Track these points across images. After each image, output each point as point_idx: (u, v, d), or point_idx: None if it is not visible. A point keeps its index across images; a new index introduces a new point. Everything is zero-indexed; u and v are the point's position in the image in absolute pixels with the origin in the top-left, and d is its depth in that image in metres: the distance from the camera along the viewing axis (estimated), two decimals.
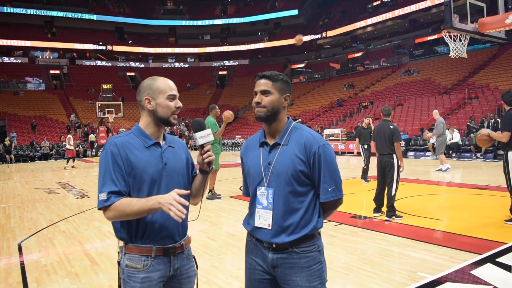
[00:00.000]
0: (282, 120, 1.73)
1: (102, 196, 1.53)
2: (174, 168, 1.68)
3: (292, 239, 1.62)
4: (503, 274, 3.30)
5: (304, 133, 1.69)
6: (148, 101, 1.67)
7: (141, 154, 1.61)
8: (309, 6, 44.88)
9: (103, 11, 42.69)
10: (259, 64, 43.57)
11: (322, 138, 1.68)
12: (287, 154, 1.65)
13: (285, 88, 1.72)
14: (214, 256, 4.04)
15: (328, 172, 1.63)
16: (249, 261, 1.75)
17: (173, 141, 1.77)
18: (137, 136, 1.66)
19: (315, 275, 1.64)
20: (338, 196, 1.65)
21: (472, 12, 7.01)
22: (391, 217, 5.28)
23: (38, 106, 30.77)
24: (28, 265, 3.97)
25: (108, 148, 1.60)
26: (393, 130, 5.31)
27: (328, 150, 1.65)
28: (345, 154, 18.88)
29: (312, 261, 1.64)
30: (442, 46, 27.61)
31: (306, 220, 1.64)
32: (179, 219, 1.44)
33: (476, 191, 7.31)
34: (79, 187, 10.07)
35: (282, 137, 1.69)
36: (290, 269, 1.63)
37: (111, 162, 1.57)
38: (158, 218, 1.60)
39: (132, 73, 41.32)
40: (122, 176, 1.57)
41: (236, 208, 6.55)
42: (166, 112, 1.67)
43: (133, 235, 1.60)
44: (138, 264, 1.58)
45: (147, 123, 1.69)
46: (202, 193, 1.81)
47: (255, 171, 1.73)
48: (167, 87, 1.69)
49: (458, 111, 19.25)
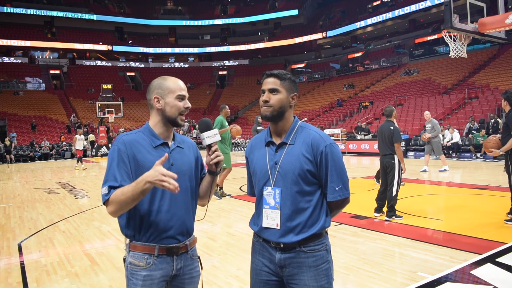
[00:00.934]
0: (289, 119, 1.72)
1: (103, 190, 1.55)
2: (181, 169, 1.67)
3: (300, 238, 1.62)
4: (503, 274, 3.30)
5: (311, 132, 1.68)
6: (157, 100, 1.68)
7: (148, 154, 1.62)
8: (309, 6, 44.87)
9: (103, 11, 42.68)
10: (259, 64, 43.57)
11: (329, 137, 1.68)
12: (294, 154, 1.64)
13: (292, 87, 1.72)
14: (214, 256, 4.04)
15: (336, 171, 1.63)
16: (255, 262, 1.74)
17: (183, 142, 1.77)
18: (145, 135, 1.67)
19: (322, 274, 1.63)
20: (345, 195, 1.65)
21: (472, 12, 7.01)
22: (391, 217, 5.29)
23: (38, 106, 30.75)
24: (28, 265, 3.98)
25: (116, 145, 1.62)
26: (393, 131, 5.28)
27: (335, 149, 1.65)
28: (345, 154, 18.87)
29: (320, 260, 1.64)
30: (442, 46, 27.62)
31: (313, 219, 1.64)
32: (175, 189, 1.42)
33: (476, 191, 7.31)
34: (79, 187, 10.06)
35: (288, 136, 1.69)
36: (298, 269, 1.63)
37: (117, 158, 1.58)
38: (163, 218, 1.61)
39: (132, 73, 41.30)
40: (127, 173, 1.57)
41: (236, 208, 6.55)
42: (174, 112, 1.67)
43: (137, 232, 1.61)
44: (140, 262, 1.59)
45: (156, 122, 1.70)
46: (210, 194, 1.80)
47: (261, 171, 1.72)
48: (177, 87, 1.69)
49: (458, 111, 19.25)
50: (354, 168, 12.76)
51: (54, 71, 37.93)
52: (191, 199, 1.72)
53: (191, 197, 1.72)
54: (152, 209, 1.60)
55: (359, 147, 18.65)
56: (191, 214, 1.72)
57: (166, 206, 1.62)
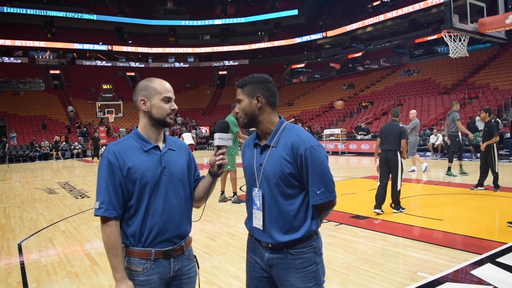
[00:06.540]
0: (268, 121, 1.69)
1: (96, 205, 1.57)
2: (174, 172, 1.67)
3: (285, 240, 1.62)
4: (503, 274, 3.30)
5: (292, 134, 1.64)
6: (143, 102, 1.67)
7: (139, 159, 1.61)
8: (309, 6, 44.83)
9: (103, 11, 42.66)
10: (259, 64, 43.57)
11: (311, 139, 1.61)
12: (276, 156, 1.63)
13: (255, 89, 1.67)
14: (214, 256, 4.04)
15: (317, 174, 1.58)
16: (249, 259, 1.77)
17: (175, 144, 1.76)
18: (135, 141, 1.66)
19: (310, 276, 1.63)
20: (328, 198, 1.60)
21: (472, 12, 7.00)
22: (398, 209, 5.68)
23: (38, 106, 30.77)
24: (28, 265, 3.97)
25: (105, 157, 1.61)
26: (403, 129, 5.76)
27: (316, 151, 1.59)
28: (345, 154, 18.88)
29: (307, 262, 1.63)
30: (442, 46, 27.60)
31: (299, 222, 1.62)
32: None
33: (476, 191, 7.30)
34: (79, 187, 10.07)
35: (271, 139, 1.67)
36: (285, 270, 1.63)
37: (107, 171, 1.58)
38: (158, 222, 1.60)
39: (132, 73, 41.29)
40: (115, 187, 1.57)
41: (236, 208, 6.56)
42: (161, 113, 1.66)
43: (132, 238, 1.60)
44: (138, 267, 1.59)
45: (144, 125, 1.69)
46: (207, 196, 1.80)
47: (249, 172, 1.73)
48: (163, 89, 1.68)
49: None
50: (354, 168, 12.76)
51: (54, 71, 37.94)
52: (185, 201, 1.71)
53: (185, 199, 1.71)
54: (146, 214, 1.60)
55: (359, 147, 18.65)
56: (186, 216, 1.71)
57: (160, 210, 1.61)
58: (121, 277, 1.54)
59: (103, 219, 1.56)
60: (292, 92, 35.88)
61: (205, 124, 32.62)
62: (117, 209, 1.57)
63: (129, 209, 1.60)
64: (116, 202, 1.56)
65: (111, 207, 1.55)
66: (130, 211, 1.60)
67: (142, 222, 1.59)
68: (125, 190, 1.59)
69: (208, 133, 30.74)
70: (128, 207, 1.60)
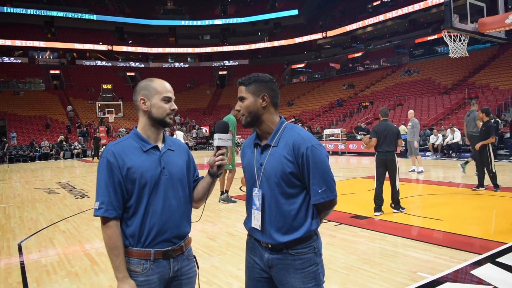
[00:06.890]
0: (270, 121, 1.70)
1: (95, 205, 1.57)
2: (173, 172, 1.67)
3: (285, 240, 1.61)
4: (503, 274, 3.30)
5: (293, 133, 1.64)
6: (143, 102, 1.67)
7: (138, 159, 1.61)
8: (309, 6, 44.85)
9: (103, 11, 42.67)
10: (259, 64, 43.55)
11: (312, 139, 1.63)
12: (276, 156, 1.63)
13: (260, 88, 1.68)
14: (214, 256, 4.04)
15: (318, 173, 1.59)
16: (248, 260, 1.77)
17: (174, 144, 1.76)
18: (134, 141, 1.66)
19: (309, 277, 1.63)
20: (330, 197, 1.61)
21: (472, 12, 6.99)
22: (398, 209, 5.70)
23: (38, 106, 30.77)
24: (28, 265, 3.98)
25: (105, 157, 1.60)
26: (398, 129, 5.80)
27: (317, 150, 1.60)
28: (345, 154, 18.88)
29: (307, 263, 1.63)
30: (442, 46, 27.61)
31: (299, 222, 1.62)
32: None
33: (476, 191, 7.29)
34: (79, 187, 10.07)
35: (272, 139, 1.67)
36: (284, 270, 1.63)
37: (107, 171, 1.58)
38: (157, 222, 1.60)
39: (132, 73, 41.30)
40: (114, 187, 1.57)
41: (236, 208, 6.56)
42: (160, 113, 1.67)
43: (131, 238, 1.60)
44: (137, 268, 1.59)
45: (143, 125, 1.69)
46: (206, 196, 1.80)
47: (249, 172, 1.73)
48: (163, 88, 1.68)
49: (458, 111, 19.25)
50: (354, 168, 12.77)
51: (54, 71, 37.94)
52: (184, 201, 1.71)
53: (184, 199, 1.71)
54: (145, 214, 1.59)
55: (359, 147, 18.65)
56: (185, 216, 1.71)
57: (160, 210, 1.61)
58: (123, 277, 1.55)
59: (103, 219, 1.56)
60: (292, 92, 35.88)
61: (205, 124, 32.63)
62: (117, 209, 1.57)
63: (128, 209, 1.60)
64: (115, 202, 1.57)
65: (111, 207, 1.55)
66: (129, 211, 1.60)
67: (141, 222, 1.59)
68: (124, 190, 1.59)
69: (208, 133, 30.77)
70: (127, 207, 1.60)
